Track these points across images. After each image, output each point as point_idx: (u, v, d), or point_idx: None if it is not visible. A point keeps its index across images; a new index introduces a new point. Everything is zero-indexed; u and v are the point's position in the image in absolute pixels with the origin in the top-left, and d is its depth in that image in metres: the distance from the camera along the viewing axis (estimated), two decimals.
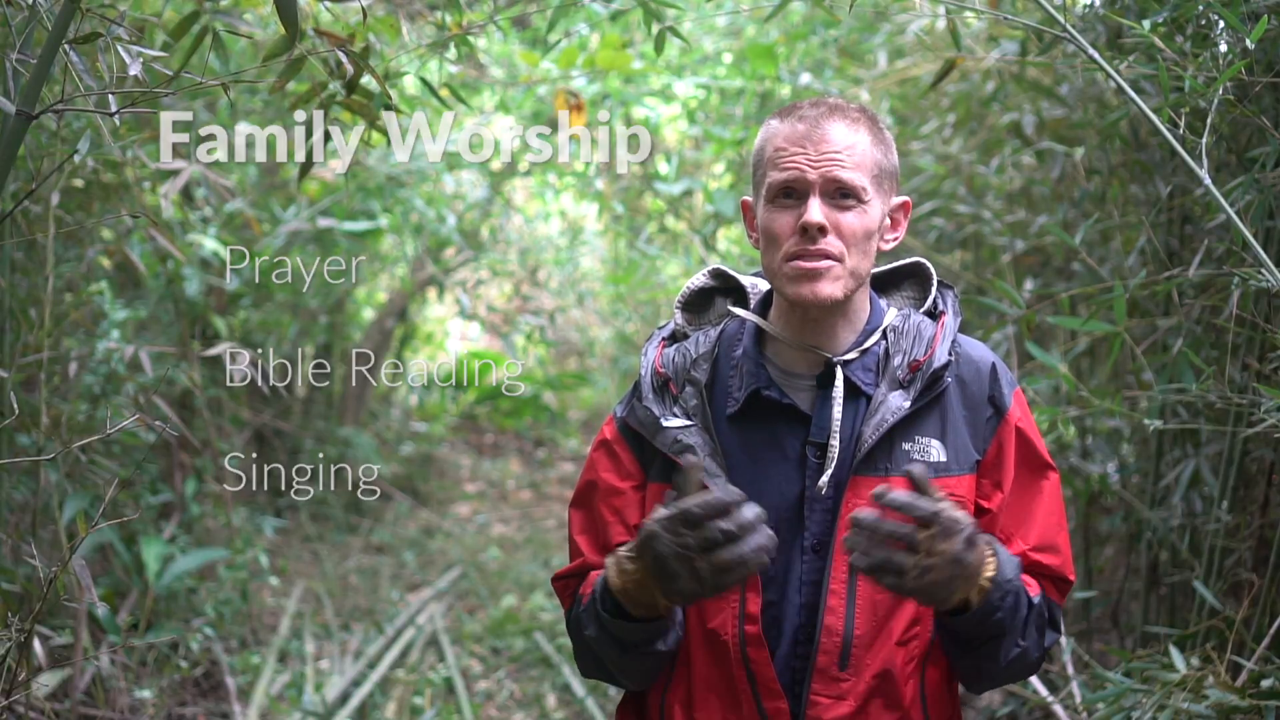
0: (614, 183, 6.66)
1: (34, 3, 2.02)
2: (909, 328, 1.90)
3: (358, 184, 5.68)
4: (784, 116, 1.87)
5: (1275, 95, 2.90)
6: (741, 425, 1.88)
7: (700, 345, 1.95)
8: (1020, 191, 4.21)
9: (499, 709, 4.83)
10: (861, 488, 1.81)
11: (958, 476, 1.85)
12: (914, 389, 1.84)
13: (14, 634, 2.22)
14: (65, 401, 3.89)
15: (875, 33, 4.64)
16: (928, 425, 1.85)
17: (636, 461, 1.94)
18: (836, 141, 1.81)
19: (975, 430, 1.88)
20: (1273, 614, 2.94)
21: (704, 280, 2.05)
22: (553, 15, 3.20)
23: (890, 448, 1.83)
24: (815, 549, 1.83)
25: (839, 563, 1.81)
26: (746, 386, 1.88)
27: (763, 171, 1.86)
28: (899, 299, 2.00)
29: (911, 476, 1.67)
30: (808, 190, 1.81)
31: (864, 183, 1.82)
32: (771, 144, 1.85)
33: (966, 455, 1.87)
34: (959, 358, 1.89)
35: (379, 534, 7.02)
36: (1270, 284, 2.37)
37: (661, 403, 1.91)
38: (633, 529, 1.90)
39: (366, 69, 2.42)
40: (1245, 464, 3.23)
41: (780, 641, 1.83)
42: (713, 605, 1.84)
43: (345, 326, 7.84)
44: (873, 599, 1.81)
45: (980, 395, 1.89)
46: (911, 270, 2.02)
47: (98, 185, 3.88)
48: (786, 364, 1.90)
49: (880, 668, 1.82)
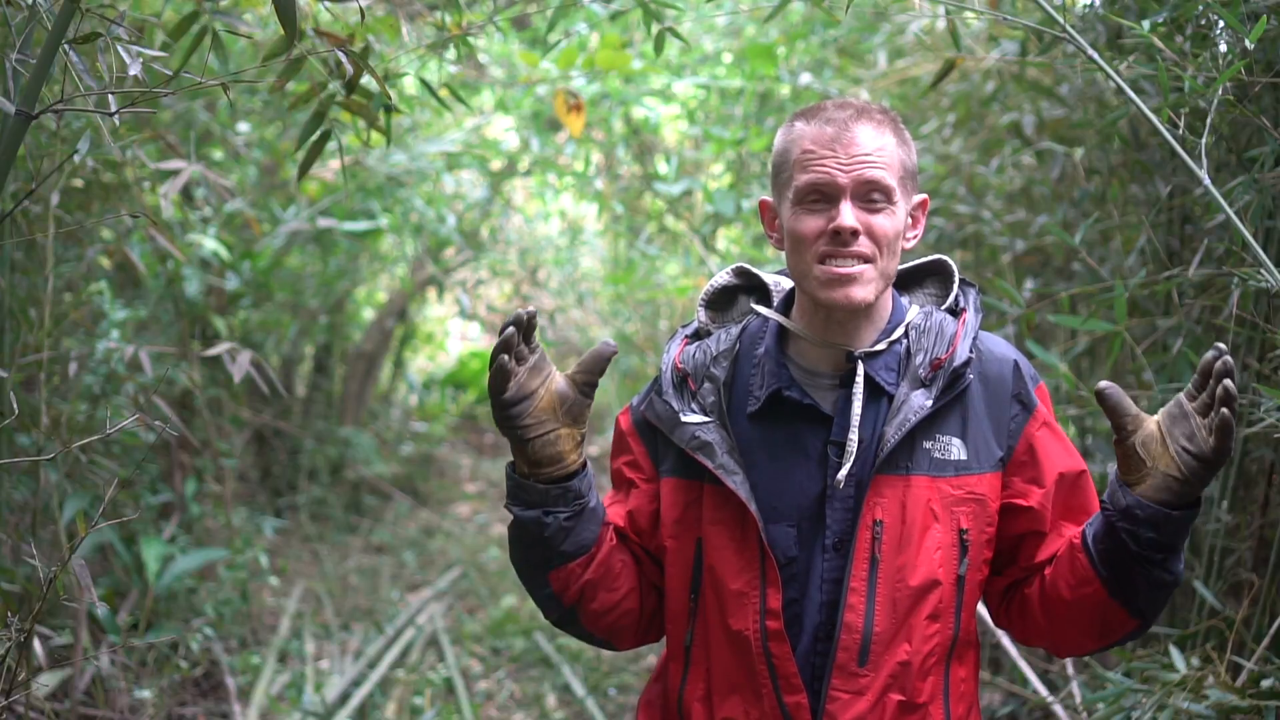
0: (614, 183, 6.66)
1: (34, 3, 2.02)
2: (931, 325, 1.90)
3: (358, 184, 5.69)
4: (809, 118, 1.86)
5: (1275, 95, 2.90)
6: (762, 424, 1.89)
7: (721, 343, 1.96)
8: (1020, 191, 4.21)
9: (499, 709, 4.83)
10: (883, 487, 1.83)
11: (979, 475, 1.86)
12: (935, 387, 1.84)
13: (14, 634, 2.22)
14: (65, 401, 3.89)
15: (875, 33, 4.64)
16: (949, 423, 1.86)
17: (648, 455, 1.97)
18: (866, 144, 1.82)
19: (999, 428, 1.88)
20: (1273, 614, 2.94)
21: (727, 278, 2.06)
22: (552, 15, 3.20)
23: (912, 446, 1.84)
24: (836, 547, 1.84)
25: (859, 561, 1.82)
26: (768, 386, 1.88)
27: (789, 173, 1.86)
28: (921, 296, 2.01)
29: (1104, 395, 1.74)
30: (838, 194, 1.81)
31: (893, 183, 1.83)
32: (799, 146, 1.85)
33: (989, 453, 1.87)
34: (981, 355, 1.90)
35: (379, 534, 7.02)
36: (1270, 284, 2.37)
37: (680, 398, 1.92)
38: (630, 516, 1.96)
39: (366, 69, 2.41)
40: (1245, 464, 3.23)
41: (801, 637, 1.85)
42: (735, 604, 1.86)
43: (345, 326, 7.85)
44: (892, 596, 1.82)
45: (1004, 393, 1.89)
46: (933, 267, 2.03)
47: (97, 185, 3.88)
48: (809, 363, 1.91)
49: (899, 664, 1.83)
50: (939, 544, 1.83)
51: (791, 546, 1.85)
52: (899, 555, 1.82)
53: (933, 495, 1.83)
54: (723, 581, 1.87)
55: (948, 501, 1.84)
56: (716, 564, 1.88)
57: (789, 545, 1.85)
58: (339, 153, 2.64)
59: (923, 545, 1.82)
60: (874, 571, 1.81)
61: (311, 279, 6.67)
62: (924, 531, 1.83)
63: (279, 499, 6.93)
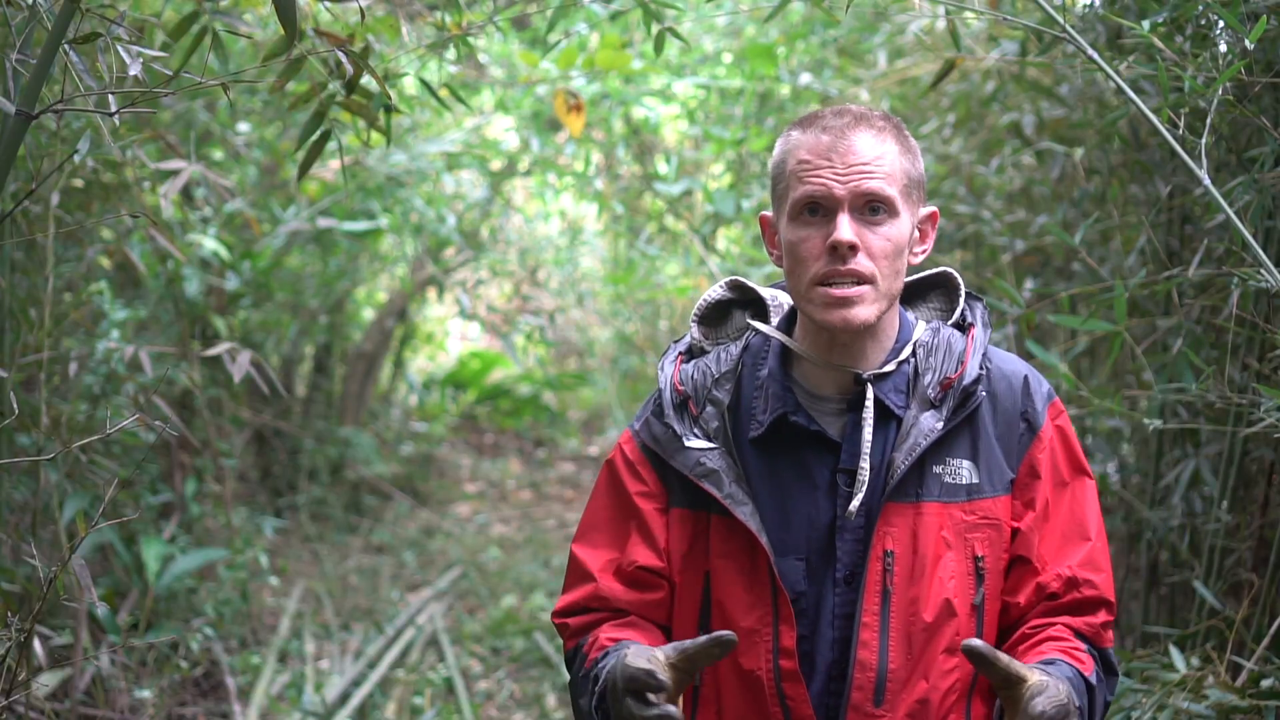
0: (614, 183, 6.66)
1: (34, 3, 2.02)
2: (939, 343, 1.81)
3: (358, 184, 5.69)
4: (806, 127, 1.77)
5: (1275, 95, 2.90)
6: (767, 450, 1.80)
7: (723, 363, 1.86)
8: (1020, 191, 4.21)
9: (499, 709, 4.83)
10: (893, 516, 1.74)
11: (992, 498, 1.78)
12: (946, 408, 1.76)
13: (14, 634, 2.22)
14: (65, 401, 3.89)
15: (875, 33, 4.64)
16: (959, 446, 1.78)
17: (660, 483, 1.85)
18: (864, 152, 1.72)
19: (1009, 448, 1.80)
20: (1273, 614, 2.94)
21: (721, 292, 1.94)
22: (552, 15, 3.20)
23: (921, 471, 1.76)
24: (847, 580, 1.75)
25: (871, 594, 1.73)
26: (772, 410, 1.79)
27: (785, 185, 1.77)
28: (925, 310, 1.93)
29: (971, 652, 1.59)
30: (835, 206, 1.72)
31: (894, 195, 1.73)
32: (794, 156, 1.75)
33: (1001, 475, 1.79)
34: (991, 372, 1.81)
35: (379, 534, 7.02)
36: (1270, 284, 2.37)
37: (682, 422, 1.82)
38: (659, 552, 1.83)
39: (366, 69, 2.41)
40: (1245, 464, 3.23)
41: (814, 677, 1.76)
42: (746, 642, 1.75)
43: (345, 326, 7.85)
44: (907, 632, 1.73)
45: (1013, 411, 1.81)
46: (938, 280, 1.94)
47: (98, 185, 3.88)
48: (814, 385, 1.81)
49: (917, 702, 1.74)
50: (953, 573, 1.75)
51: (801, 581, 1.76)
52: (911, 587, 1.74)
53: (945, 522, 1.75)
54: (732, 618, 1.77)
55: (960, 528, 1.76)
56: (725, 600, 1.79)
57: (798, 580, 1.76)
58: (339, 153, 2.64)
59: (935, 575, 1.74)
60: (886, 605, 1.73)
61: (311, 279, 6.67)
62: (936, 561, 1.74)
63: (279, 499, 6.93)
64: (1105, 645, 1.80)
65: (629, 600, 1.84)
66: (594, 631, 1.83)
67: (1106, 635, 1.81)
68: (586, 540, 1.90)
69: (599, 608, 1.86)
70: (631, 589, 1.84)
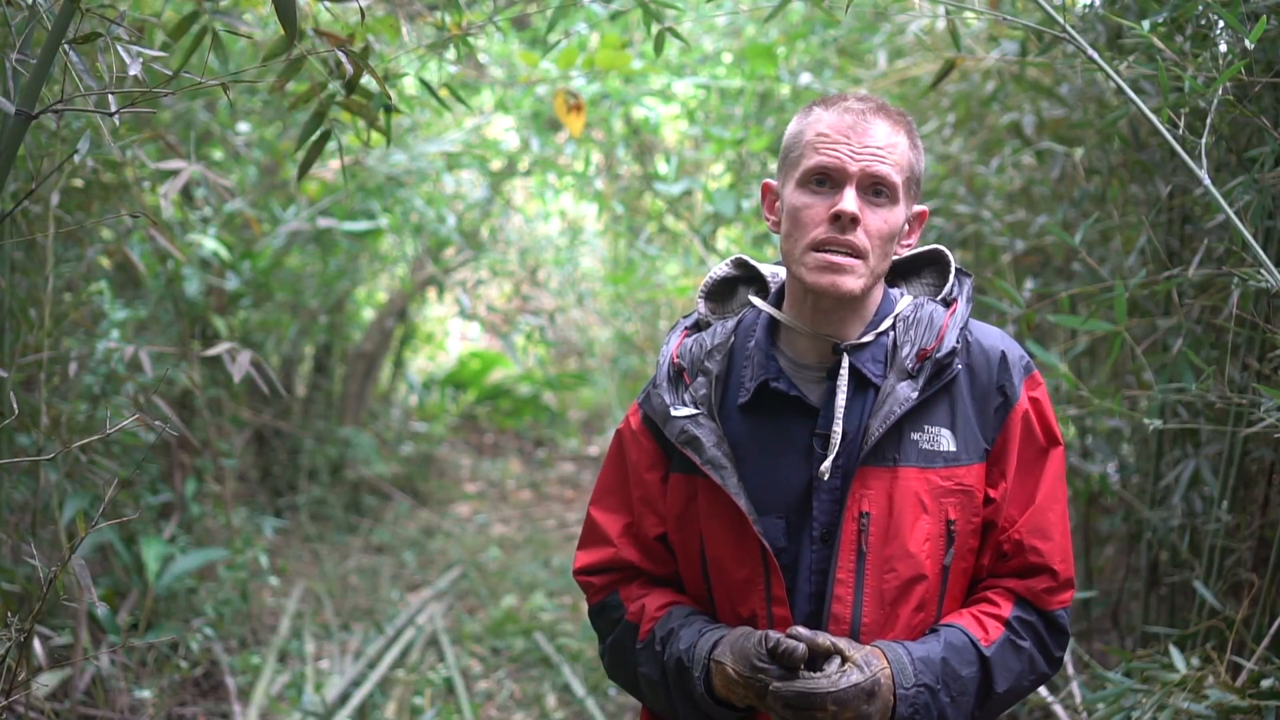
0: (614, 183, 6.66)
1: (34, 3, 2.02)
2: (920, 317, 1.92)
3: (358, 184, 5.69)
4: (829, 105, 1.89)
5: (1275, 95, 2.90)
6: (752, 416, 1.91)
7: (717, 336, 1.98)
8: (1020, 191, 4.21)
9: (499, 709, 4.83)
10: (869, 479, 1.85)
11: (967, 466, 1.88)
12: (921, 378, 1.86)
13: (14, 634, 2.22)
14: (65, 401, 3.89)
15: (875, 33, 4.64)
16: (937, 414, 1.88)
17: (659, 450, 1.98)
18: (880, 138, 1.84)
19: (984, 419, 1.90)
20: (1273, 614, 2.94)
21: (727, 269, 2.08)
22: (552, 15, 3.20)
23: (899, 438, 1.86)
24: (823, 539, 1.87)
25: (845, 552, 1.85)
26: (756, 377, 1.91)
27: (799, 153, 1.88)
28: (919, 286, 2.02)
29: (798, 642, 1.76)
30: (844, 180, 1.83)
31: (898, 182, 1.85)
32: (813, 129, 1.87)
33: (976, 444, 1.89)
34: (969, 345, 1.92)
35: (379, 534, 7.01)
36: (1270, 284, 2.37)
37: (674, 392, 1.95)
38: (663, 518, 1.98)
39: (366, 69, 2.41)
40: (1245, 464, 3.23)
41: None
42: (741, 591, 1.89)
43: (345, 326, 7.85)
44: (879, 587, 1.85)
45: (989, 384, 1.91)
46: (931, 257, 2.04)
47: (97, 185, 3.88)
48: (797, 354, 1.93)
49: None
50: (926, 535, 1.85)
51: (780, 538, 1.88)
52: (886, 547, 1.85)
53: (921, 486, 1.85)
54: (728, 571, 1.91)
55: (936, 493, 1.86)
56: (719, 556, 1.92)
57: (778, 536, 1.88)
58: (339, 153, 2.64)
59: (911, 537, 1.85)
60: (861, 563, 1.84)
61: (311, 279, 6.67)
62: (913, 523, 1.85)
63: (279, 499, 6.93)
64: (1049, 608, 1.91)
65: (646, 567, 2.03)
66: (627, 592, 2.01)
67: (1052, 599, 1.91)
68: (603, 504, 2.06)
69: (618, 569, 2.03)
70: (646, 558, 2.02)
